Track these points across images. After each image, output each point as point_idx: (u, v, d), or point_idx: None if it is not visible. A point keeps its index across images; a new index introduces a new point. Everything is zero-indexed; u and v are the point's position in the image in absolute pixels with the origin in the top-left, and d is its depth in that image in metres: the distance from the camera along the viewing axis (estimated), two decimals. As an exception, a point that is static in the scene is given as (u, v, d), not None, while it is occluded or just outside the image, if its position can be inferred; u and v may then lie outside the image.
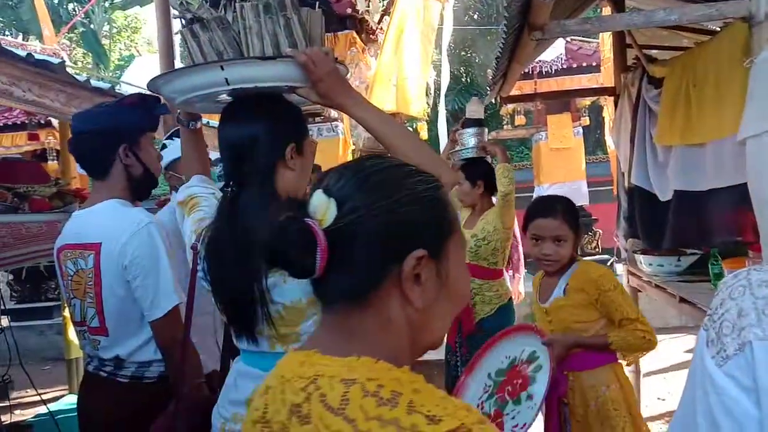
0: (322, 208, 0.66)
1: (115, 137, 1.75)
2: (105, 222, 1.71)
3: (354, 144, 5.26)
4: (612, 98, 7.00)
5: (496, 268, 3.18)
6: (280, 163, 1.36)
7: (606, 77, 6.94)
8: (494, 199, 3.31)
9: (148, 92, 1.52)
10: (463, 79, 15.72)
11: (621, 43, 3.73)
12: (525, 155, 13.58)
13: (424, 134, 6.70)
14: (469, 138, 3.15)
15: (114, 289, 1.68)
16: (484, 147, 3.18)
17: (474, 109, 3.26)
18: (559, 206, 2.04)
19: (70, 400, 4.48)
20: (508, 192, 3.00)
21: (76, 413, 1.76)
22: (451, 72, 9.23)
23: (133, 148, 1.77)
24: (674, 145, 3.09)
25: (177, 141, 3.12)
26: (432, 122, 8.31)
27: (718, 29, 2.98)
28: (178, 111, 1.59)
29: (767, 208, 1.89)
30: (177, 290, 1.61)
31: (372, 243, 0.65)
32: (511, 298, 3.25)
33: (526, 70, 6.81)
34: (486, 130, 3.24)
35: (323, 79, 1.28)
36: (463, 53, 15.95)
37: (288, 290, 1.28)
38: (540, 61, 7.26)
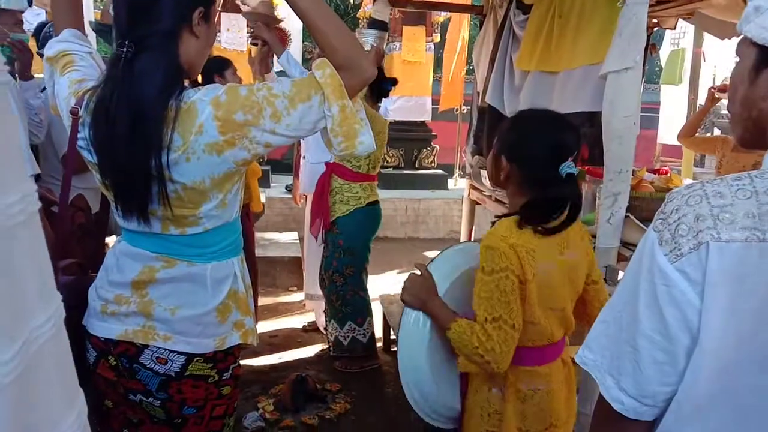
0: None
1: None
2: None
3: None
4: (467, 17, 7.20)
5: (358, 172, 3.26)
6: (185, 27, 1.24)
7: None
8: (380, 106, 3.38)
9: None
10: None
11: (493, -36, 3.82)
12: (373, 64, 13.54)
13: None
14: (370, 39, 3.10)
15: None
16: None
17: (379, 10, 3.19)
18: None
19: None
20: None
21: None
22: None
23: None
24: (531, 71, 3.32)
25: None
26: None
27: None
28: None
29: (616, 137, 2.14)
30: (32, 160, 1.39)
31: None
32: (372, 203, 3.34)
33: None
34: (386, 35, 3.19)
35: None
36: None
37: (191, 170, 1.20)
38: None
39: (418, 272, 1.58)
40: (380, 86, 3.26)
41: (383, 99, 3.47)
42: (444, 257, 1.64)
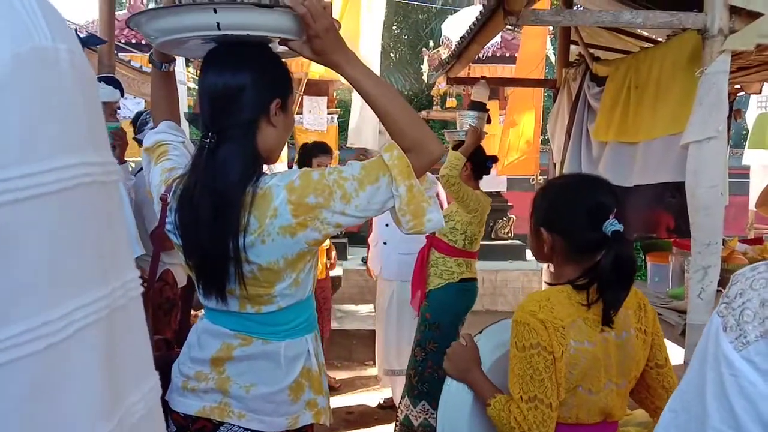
0: None
1: None
2: None
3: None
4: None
5: (454, 246, 3.29)
6: (263, 118, 1.31)
7: (519, 69, 7.16)
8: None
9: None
10: (392, 55, 15.67)
11: (566, 40, 3.86)
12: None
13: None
14: (469, 120, 3.23)
15: None
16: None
17: (478, 92, 3.34)
18: None
19: None
20: (443, 174, 3.12)
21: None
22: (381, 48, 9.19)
23: None
24: (609, 141, 3.27)
25: (103, 85, 2.95)
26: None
27: (660, 39, 3.15)
28: (151, 51, 1.50)
29: (702, 208, 2.04)
30: (139, 241, 1.50)
31: None
32: (466, 280, 3.32)
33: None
34: (486, 115, 3.31)
35: (320, 35, 1.24)
36: (394, 27, 15.87)
37: (266, 251, 1.25)
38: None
39: (463, 342, 1.56)
40: (481, 164, 3.33)
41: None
42: (497, 327, 1.60)
